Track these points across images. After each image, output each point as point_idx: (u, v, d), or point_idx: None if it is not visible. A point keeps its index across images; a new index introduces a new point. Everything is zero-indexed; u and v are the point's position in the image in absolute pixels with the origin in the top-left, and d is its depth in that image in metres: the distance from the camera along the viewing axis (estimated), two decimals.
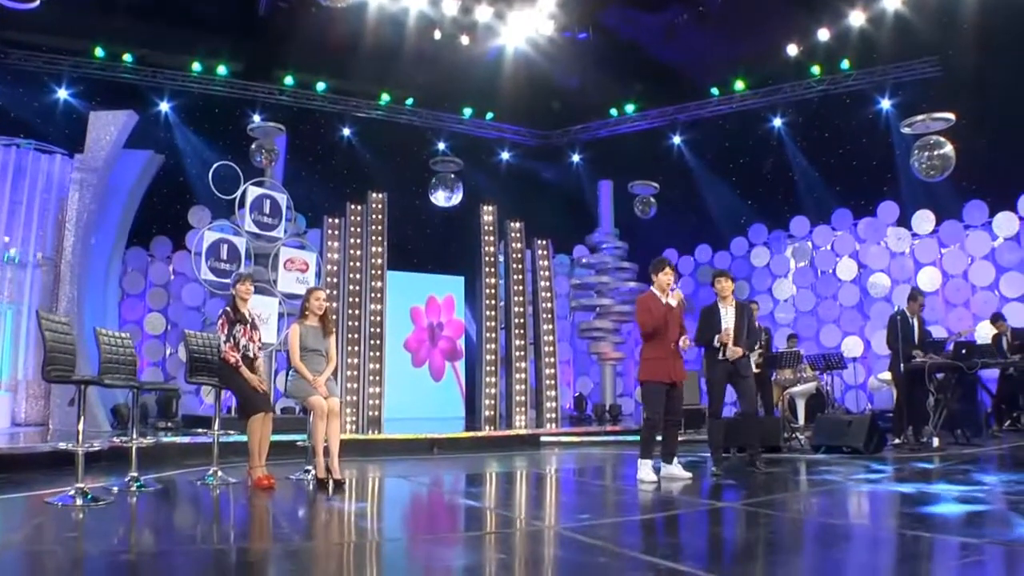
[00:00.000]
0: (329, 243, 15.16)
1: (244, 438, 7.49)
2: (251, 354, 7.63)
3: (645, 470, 7.37)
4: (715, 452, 8.00)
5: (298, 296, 13.32)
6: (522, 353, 16.21)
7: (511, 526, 5.51)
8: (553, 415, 16.05)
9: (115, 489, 6.87)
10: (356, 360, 14.92)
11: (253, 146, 14.35)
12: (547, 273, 16.69)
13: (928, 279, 14.72)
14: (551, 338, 16.41)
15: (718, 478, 7.56)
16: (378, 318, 15.32)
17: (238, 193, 12.69)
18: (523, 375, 16.15)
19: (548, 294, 16.56)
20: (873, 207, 15.78)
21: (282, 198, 13.27)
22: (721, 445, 8.03)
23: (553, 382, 16.25)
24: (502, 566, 4.22)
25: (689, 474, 7.52)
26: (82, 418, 6.45)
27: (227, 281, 12.70)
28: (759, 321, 11.84)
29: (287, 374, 7.88)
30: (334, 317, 14.56)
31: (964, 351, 10.09)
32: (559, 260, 18.71)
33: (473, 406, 16.63)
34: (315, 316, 7.87)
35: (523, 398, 16.15)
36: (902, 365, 10.13)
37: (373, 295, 15.29)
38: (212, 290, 13.22)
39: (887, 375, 11.30)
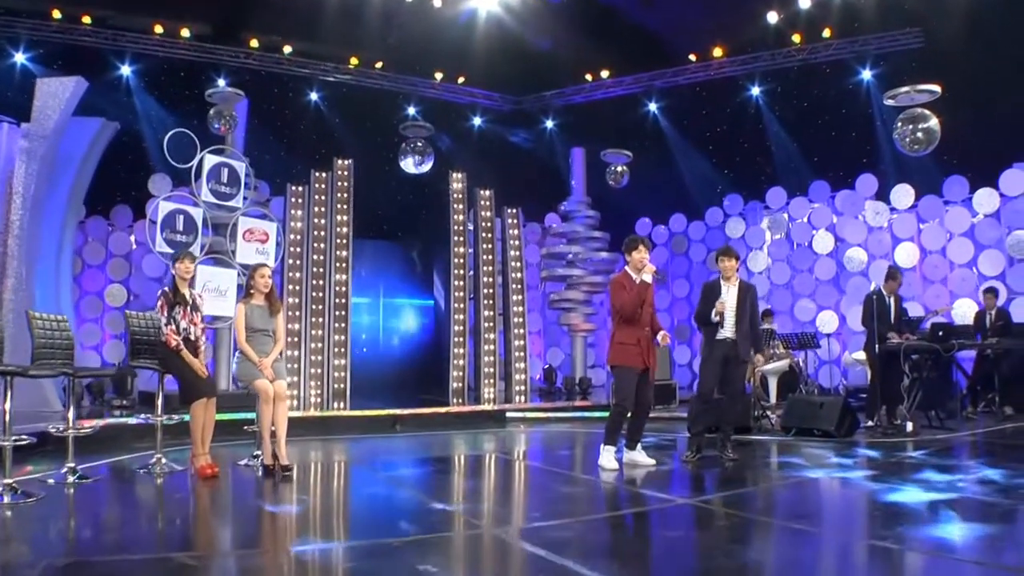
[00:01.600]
0: (293, 212, 14.72)
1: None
2: (192, 336, 7.23)
3: (607, 456, 7.23)
4: (693, 436, 7.83)
5: None
6: (491, 324, 15.94)
7: (450, 527, 5.20)
8: (522, 388, 15.82)
9: (51, 481, 6.53)
10: (321, 332, 14.57)
11: (211, 112, 13.85)
12: (517, 243, 16.35)
13: (906, 255, 14.47)
14: (520, 309, 16.13)
15: (690, 464, 7.48)
16: (343, 288, 14.96)
17: (194, 162, 12.18)
18: (492, 346, 15.88)
19: (518, 264, 16.24)
20: (851, 180, 15.46)
21: (241, 166, 12.79)
22: (702, 431, 7.81)
23: (522, 354, 16.01)
24: None
25: (652, 461, 7.38)
26: (4, 410, 6.04)
27: None
28: None
29: (233, 355, 7.53)
30: (296, 288, 14.22)
31: (941, 332, 9.82)
32: (530, 229, 18.41)
33: (440, 377, 16.30)
34: (261, 294, 7.59)
35: (492, 370, 15.89)
36: (877, 346, 9.84)
37: (338, 265, 14.93)
38: (169, 263, 12.72)
39: (861, 355, 11.05)
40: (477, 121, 19.58)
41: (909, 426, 9.39)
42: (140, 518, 5.67)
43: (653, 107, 18.69)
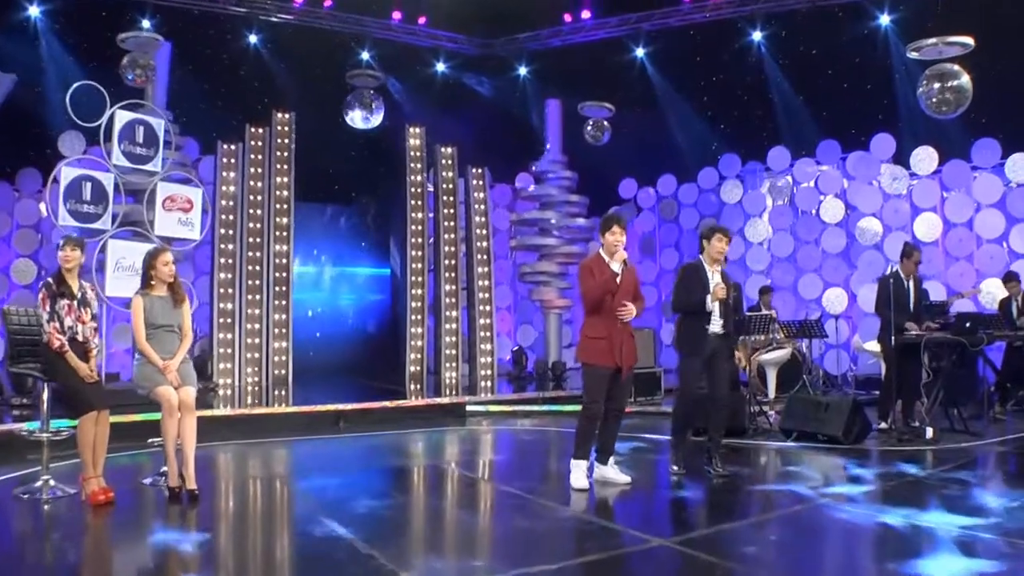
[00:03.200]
0: (224, 173, 14.29)
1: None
2: (80, 337, 6.66)
3: (577, 473, 6.86)
4: (678, 446, 7.53)
5: (182, 241, 12.61)
6: (453, 300, 15.69)
7: None
8: (488, 372, 15.61)
9: None
10: (258, 311, 14.10)
11: (124, 61, 13.19)
12: (483, 207, 16.13)
13: (927, 227, 14.14)
14: (487, 283, 15.95)
15: (678, 478, 7.25)
16: (284, 260, 14.50)
17: (103, 119, 11.54)
18: (454, 325, 15.59)
19: (484, 231, 16.06)
20: (866, 140, 15.07)
21: (159, 123, 12.16)
22: (687, 441, 7.57)
23: (488, 334, 15.77)
24: None
25: (627, 478, 7.02)
26: None
27: (96, 227, 11.64)
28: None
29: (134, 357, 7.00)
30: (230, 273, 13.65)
31: (968, 323, 9.38)
32: (499, 190, 17.98)
33: (397, 360, 15.87)
34: (163, 284, 7.06)
35: (454, 351, 15.59)
36: (893, 337, 9.37)
37: (278, 234, 14.55)
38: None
39: (875, 345, 10.64)
40: (440, 67, 18.98)
41: (929, 432, 8.99)
42: (11, 560, 5.15)
43: (640, 53, 18.20)
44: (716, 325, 7.32)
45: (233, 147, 14.40)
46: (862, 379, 13.41)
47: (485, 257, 15.95)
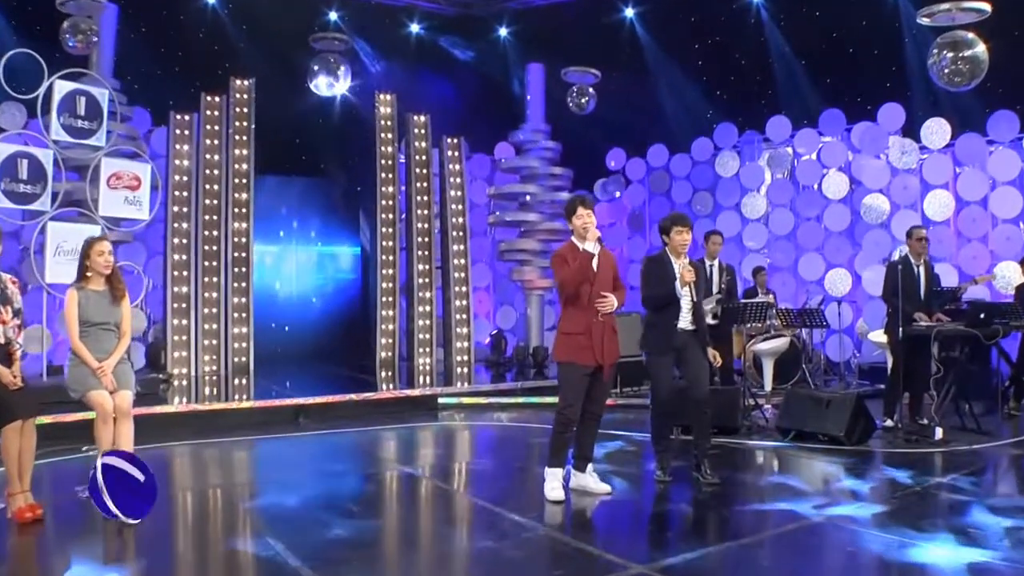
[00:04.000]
0: (177, 146, 14.02)
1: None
2: (1, 339, 6.35)
3: (552, 482, 6.68)
4: (661, 452, 7.38)
5: (129, 221, 12.44)
6: (427, 280, 15.61)
7: None
8: (464, 358, 15.53)
9: None
10: (216, 294, 13.89)
11: (65, 26, 12.83)
12: (459, 180, 16.06)
13: (938, 205, 13.93)
14: (463, 261, 15.89)
15: (664, 486, 7.13)
16: (243, 239, 14.31)
17: (41, 90, 11.23)
18: (428, 307, 15.53)
19: (460, 206, 16.00)
20: (873, 110, 14.82)
21: (102, 94, 11.82)
22: (669, 447, 7.44)
23: (465, 316, 15.67)
24: None
25: (607, 488, 6.86)
26: None
27: (33, 207, 11.35)
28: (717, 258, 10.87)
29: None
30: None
31: (983, 314, 9.18)
32: (476, 161, 17.73)
33: (367, 346, 15.68)
34: (100, 277, 6.79)
35: (427, 336, 15.45)
36: (901, 328, 9.17)
37: (236, 210, 14.42)
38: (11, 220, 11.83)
39: (881, 336, 10.45)
40: (414, 29, 18.72)
41: (938, 432, 8.82)
42: None
43: (630, 12, 18.06)
44: (685, 320, 7.18)
45: (187, 117, 14.10)
46: (866, 368, 13.25)
47: (461, 234, 15.78)
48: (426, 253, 15.53)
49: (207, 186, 14.05)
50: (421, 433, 10.23)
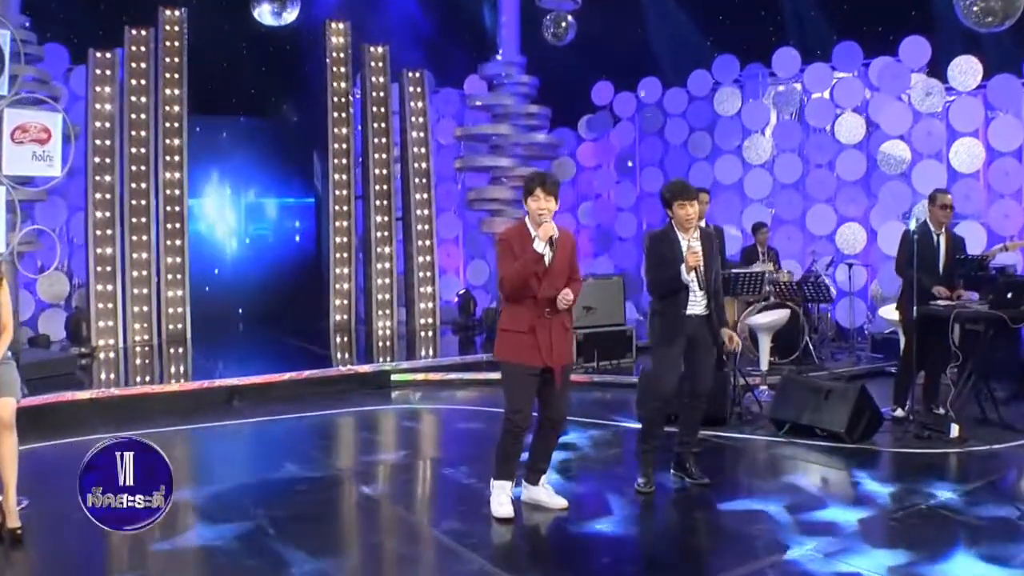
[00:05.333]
0: (98, 88, 13.71)
1: None
2: None
3: (499, 497, 6.41)
4: (645, 454, 7.10)
5: (40, 180, 12.11)
6: (386, 233, 15.54)
7: None
8: (429, 320, 15.52)
9: None
10: (146, 255, 13.93)
11: None
12: (422, 119, 16.00)
13: (966, 155, 13.60)
14: (427, 212, 15.87)
15: (645, 495, 6.92)
16: (177, 191, 14.28)
17: None
18: (387, 264, 15.56)
19: (423, 149, 15.95)
20: (894, 43, 14.49)
21: (3, 35, 11.33)
22: (657, 448, 7.13)
23: (429, 274, 15.76)
24: None
25: (562, 503, 6.58)
26: None
27: None
28: (708, 220, 10.53)
29: None
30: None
31: (1011, 293, 8.81)
32: (444, 96, 17.46)
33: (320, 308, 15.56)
34: None
35: (387, 296, 15.46)
36: (915, 307, 8.81)
37: (168, 159, 14.21)
38: None
39: (893, 312, 10.15)
40: None
41: (954, 429, 8.47)
42: None
43: None
44: (697, 306, 6.92)
45: (109, 55, 13.73)
46: (880, 339, 12.93)
47: (424, 180, 15.71)
48: (385, 203, 15.42)
49: (133, 132, 13.78)
50: (368, 420, 10.07)
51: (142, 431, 8.88)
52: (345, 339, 14.55)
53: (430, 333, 15.19)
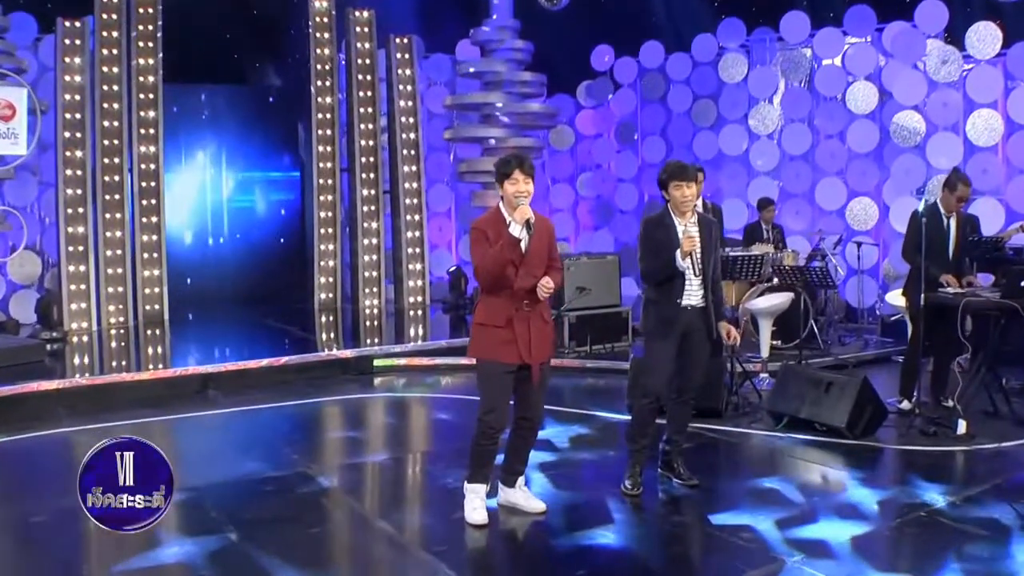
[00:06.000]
0: (68, 59, 13.62)
1: None
2: None
3: (473, 502, 6.37)
4: (636, 453, 7.02)
5: (6, 158, 12.33)
6: (373, 208, 15.54)
7: None
8: (419, 298, 15.64)
9: None
10: (120, 233, 13.93)
11: None
12: (410, 87, 15.96)
13: (984, 127, 13.41)
14: (416, 184, 15.87)
15: (631, 498, 6.84)
16: (152, 166, 14.26)
17: None
18: (374, 239, 15.58)
19: (411, 118, 15.91)
20: (909, 8, 14.34)
21: None
22: (646, 448, 7.05)
23: (419, 249, 15.88)
24: None
25: (541, 506, 6.55)
26: None
27: None
28: (708, 198, 10.48)
29: None
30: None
31: None
32: (434, 62, 17.34)
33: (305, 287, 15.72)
34: None
35: (375, 273, 15.61)
36: (923, 295, 8.70)
37: (143, 132, 14.15)
38: None
39: (900, 298, 10.05)
40: None
41: (961, 426, 8.37)
42: None
43: None
44: (693, 296, 6.81)
45: (78, 23, 13.57)
46: (890, 321, 12.81)
47: (413, 152, 15.65)
48: (372, 175, 15.37)
49: (105, 105, 13.68)
50: (347, 411, 10.07)
51: (110, 424, 9.12)
52: (331, 318, 14.55)
53: (419, 312, 15.17)
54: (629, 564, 5.93)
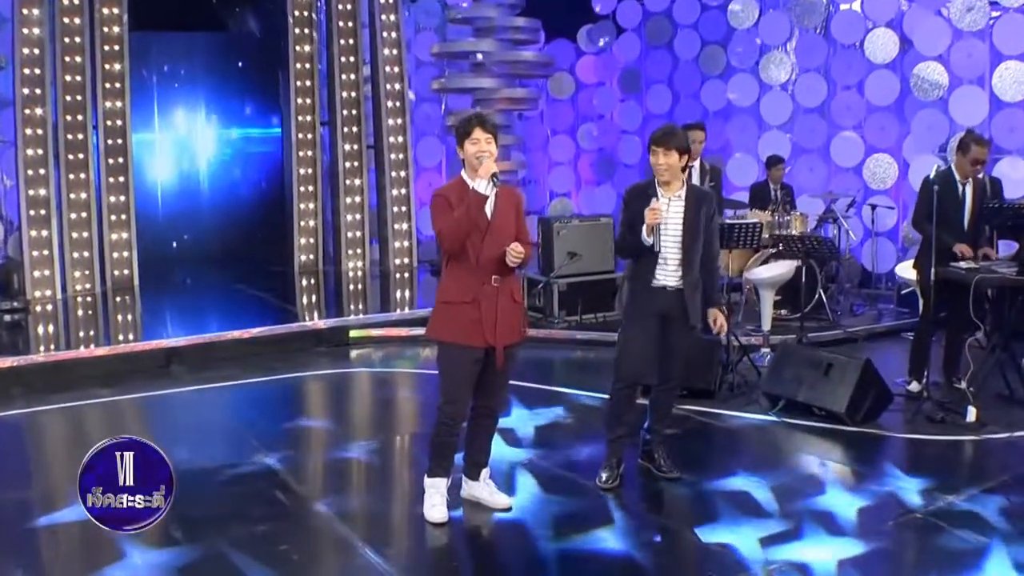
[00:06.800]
0: (25, 11, 13.36)
1: None
2: None
3: (433, 498, 6.32)
4: (612, 443, 6.95)
5: None
6: (356, 164, 15.50)
7: None
8: (405, 260, 15.72)
9: None
10: (85, 194, 13.86)
11: None
12: (395, 34, 15.78)
13: (1011, 80, 13.08)
14: (402, 138, 15.78)
15: (609, 490, 6.75)
16: (119, 122, 14.20)
17: None
18: (358, 197, 15.55)
19: (397, 68, 15.76)
20: None
21: None
22: (624, 437, 6.96)
23: (405, 208, 15.87)
24: None
25: (507, 501, 6.48)
26: None
27: None
28: (705, 154, 10.29)
29: None
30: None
31: None
32: (423, 6, 17.12)
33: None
34: None
35: (358, 233, 15.60)
36: (934, 268, 8.52)
37: (108, 86, 14.06)
38: None
39: (910, 270, 9.77)
40: None
41: (971, 413, 8.19)
42: None
43: None
44: (669, 277, 6.62)
45: None
46: (907, 291, 12.55)
47: (399, 104, 15.53)
48: (354, 129, 15.29)
49: (67, 58, 13.48)
50: (315, 388, 10.11)
51: (65, 404, 9.10)
52: (312, 282, 14.47)
53: (406, 275, 15.09)
54: (589, 567, 5.78)
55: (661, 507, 6.68)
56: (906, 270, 10.39)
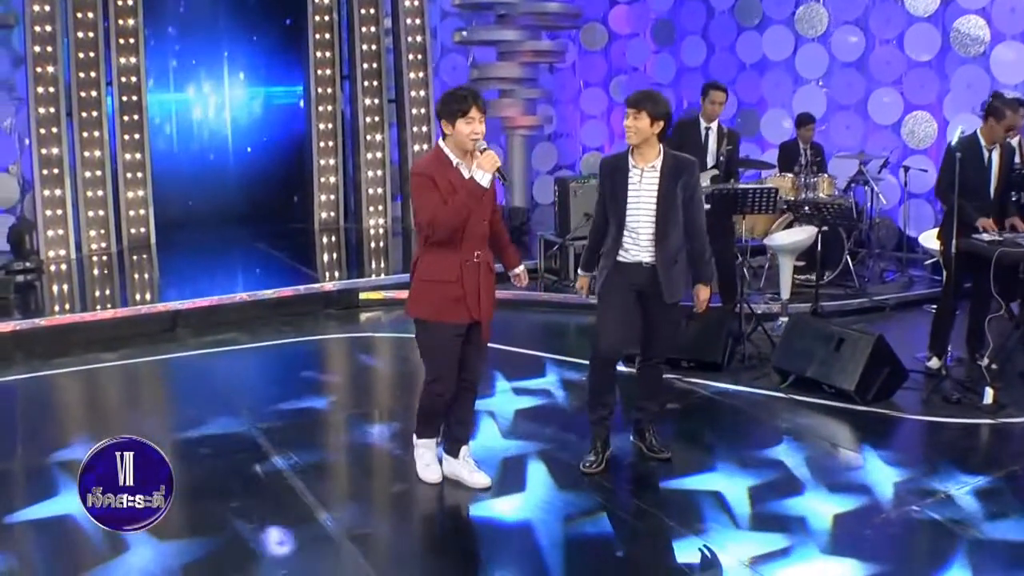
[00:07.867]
0: (36, 7, 13.18)
1: None
2: None
3: (426, 456, 6.51)
4: (595, 424, 6.83)
5: None
6: (377, 119, 15.44)
7: None
8: None
9: None
10: (100, 153, 13.81)
11: None
12: None
13: None
14: (423, 93, 15.73)
15: (592, 474, 6.64)
16: (133, 79, 14.18)
17: None
18: (379, 153, 15.50)
19: (419, 19, 15.60)
20: None
21: None
22: (607, 418, 6.82)
23: None
24: None
25: (484, 481, 6.45)
26: None
27: None
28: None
29: None
30: None
31: None
32: None
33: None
34: None
35: (379, 190, 15.56)
36: (955, 240, 8.29)
37: (122, 42, 14.02)
38: None
39: (934, 240, 9.51)
40: None
41: (988, 395, 7.95)
42: None
43: None
44: (642, 252, 6.47)
45: None
46: (933, 262, 12.30)
47: (420, 57, 15.38)
48: (375, 83, 15.16)
49: (79, 14, 13.33)
50: (319, 353, 10.06)
51: (67, 370, 9.17)
52: (333, 239, 14.48)
53: None
54: (560, 555, 5.69)
55: (645, 488, 6.60)
56: (929, 239, 10.19)
